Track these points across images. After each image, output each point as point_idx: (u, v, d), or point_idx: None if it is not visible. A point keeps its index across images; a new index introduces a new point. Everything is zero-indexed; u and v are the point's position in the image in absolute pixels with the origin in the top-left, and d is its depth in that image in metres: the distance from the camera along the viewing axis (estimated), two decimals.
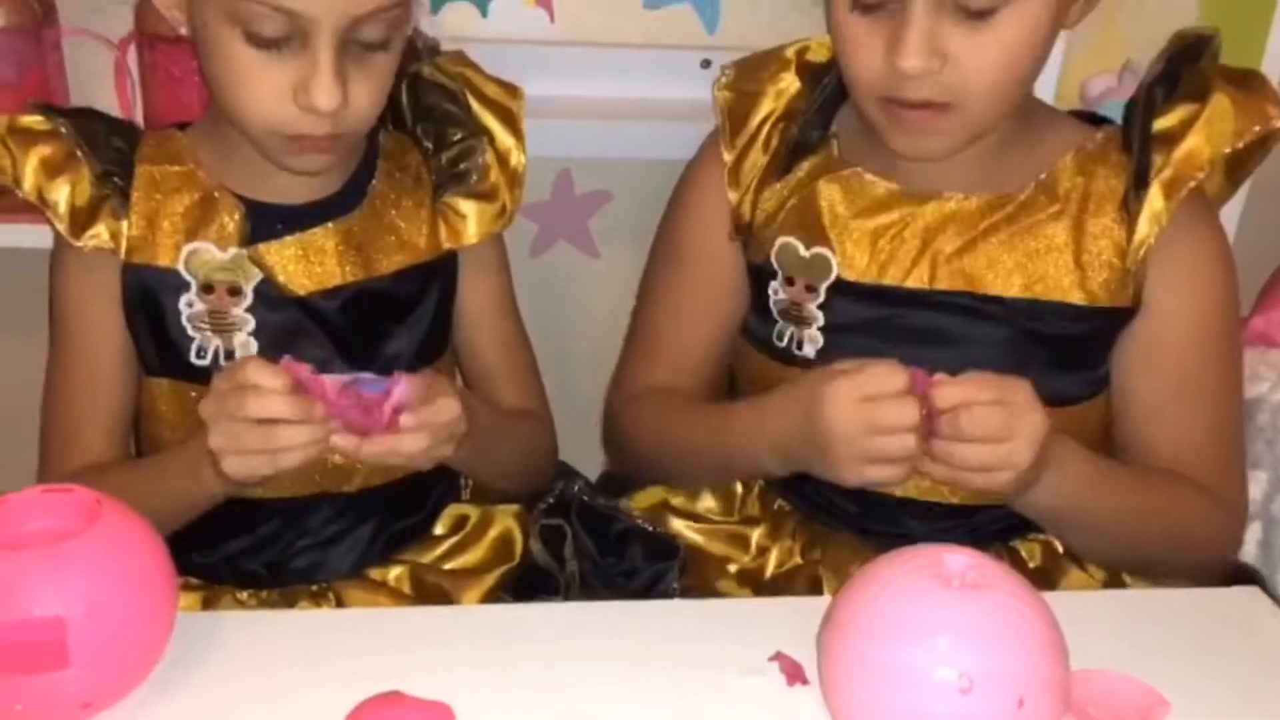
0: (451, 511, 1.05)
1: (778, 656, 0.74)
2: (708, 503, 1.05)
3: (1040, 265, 0.93)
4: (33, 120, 0.93)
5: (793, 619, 0.75)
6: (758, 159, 1.00)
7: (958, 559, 0.65)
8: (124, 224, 0.92)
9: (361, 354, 0.96)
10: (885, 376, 0.82)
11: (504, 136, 1.00)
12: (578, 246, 1.27)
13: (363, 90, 0.86)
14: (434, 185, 1.00)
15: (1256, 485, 1.16)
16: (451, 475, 1.06)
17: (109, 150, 0.94)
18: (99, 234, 0.92)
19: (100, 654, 0.67)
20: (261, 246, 0.92)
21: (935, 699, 0.61)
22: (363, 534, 1.00)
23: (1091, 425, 0.97)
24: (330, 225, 0.94)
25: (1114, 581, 0.99)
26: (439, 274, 1.00)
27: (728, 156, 1.01)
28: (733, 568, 1.01)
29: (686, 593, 0.96)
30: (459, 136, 1.00)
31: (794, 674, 0.72)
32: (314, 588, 0.98)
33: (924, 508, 0.97)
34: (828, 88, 0.99)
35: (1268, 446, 1.15)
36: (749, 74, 1.02)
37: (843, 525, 1.00)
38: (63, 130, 0.93)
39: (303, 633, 0.77)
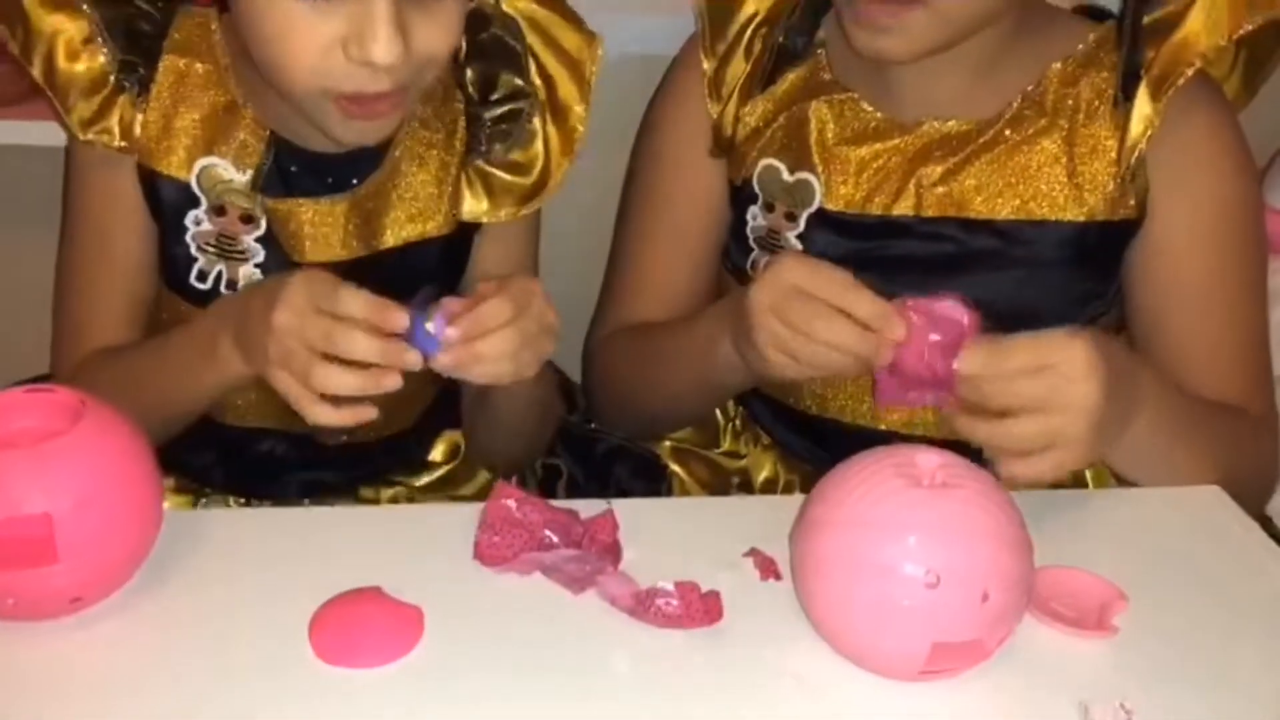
0: (447, 437, 1.04)
1: (751, 552, 0.76)
2: (688, 431, 1.05)
3: (1032, 184, 0.89)
4: None
5: (768, 516, 0.77)
6: (739, 67, 0.96)
7: (930, 458, 0.67)
8: (138, 120, 0.86)
9: None
10: (825, 277, 0.77)
11: (568, 89, 0.91)
12: None
13: (426, 39, 0.76)
14: (468, 144, 0.91)
15: None
16: (453, 401, 1.04)
17: (134, 35, 0.86)
18: (109, 129, 0.86)
19: (88, 549, 0.68)
20: (274, 202, 0.88)
21: (903, 592, 0.63)
22: (359, 458, 0.99)
23: None
24: (343, 196, 0.88)
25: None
26: (454, 247, 0.94)
27: (707, 65, 0.96)
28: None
29: None
30: (509, 90, 0.91)
31: (767, 569, 0.75)
32: (306, 501, 0.98)
33: (896, 440, 0.94)
34: None
35: None
36: None
37: (821, 461, 0.98)
38: (85, 8, 0.85)
39: (287, 529, 0.79)
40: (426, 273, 0.92)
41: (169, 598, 0.72)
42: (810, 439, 1.00)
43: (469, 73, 0.91)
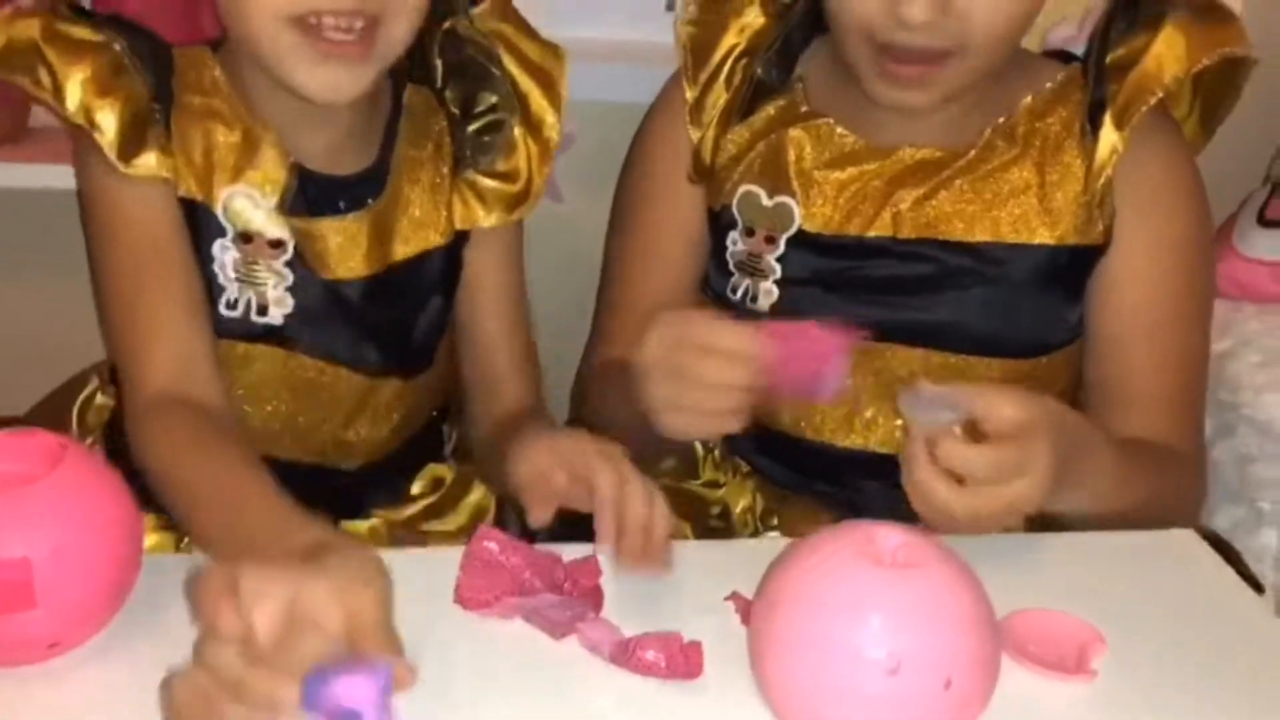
0: (429, 471, 1.05)
1: (732, 596, 0.76)
2: (670, 463, 1.06)
3: (1005, 209, 0.92)
4: (78, 29, 0.85)
5: (748, 558, 0.76)
6: (720, 96, 0.98)
7: (891, 537, 0.66)
8: (166, 154, 0.85)
9: (388, 337, 0.95)
10: (690, 321, 0.79)
11: (540, 103, 0.96)
12: None
13: None
14: (454, 158, 0.96)
15: None
16: (436, 436, 1.06)
17: (153, 68, 0.86)
18: (149, 161, 0.85)
19: (66, 595, 0.68)
20: (301, 223, 0.89)
21: (863, 678, 0.62)
22: (342, 491, 1.00)
23: (1064, 375, 0.97)
24: (362, 214, 0.91)
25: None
26: (452, 255, 0.97)
27: (690, 93, 0.99)
28: (689, 531, 1.02)
29: None
30: (488, 105, 0.95)
31: (748, 613, 0.75)
32: None
33: (877, 461, 0.97)
34: (791, 23, 0.97)
35: (1209, 393, 1.18)
36: (712, 7, 1.00)
37: (801, 488, 1.01)
38: (114, 44, 0.84)
39: None
40: (431, 283, 0.97)
41: (148, 644, 0.72)
42: (790, 465, 1.01)
43: (449, 93, 0.96)
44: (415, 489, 1.05)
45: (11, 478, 0.70)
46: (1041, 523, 1.00)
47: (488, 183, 0.96)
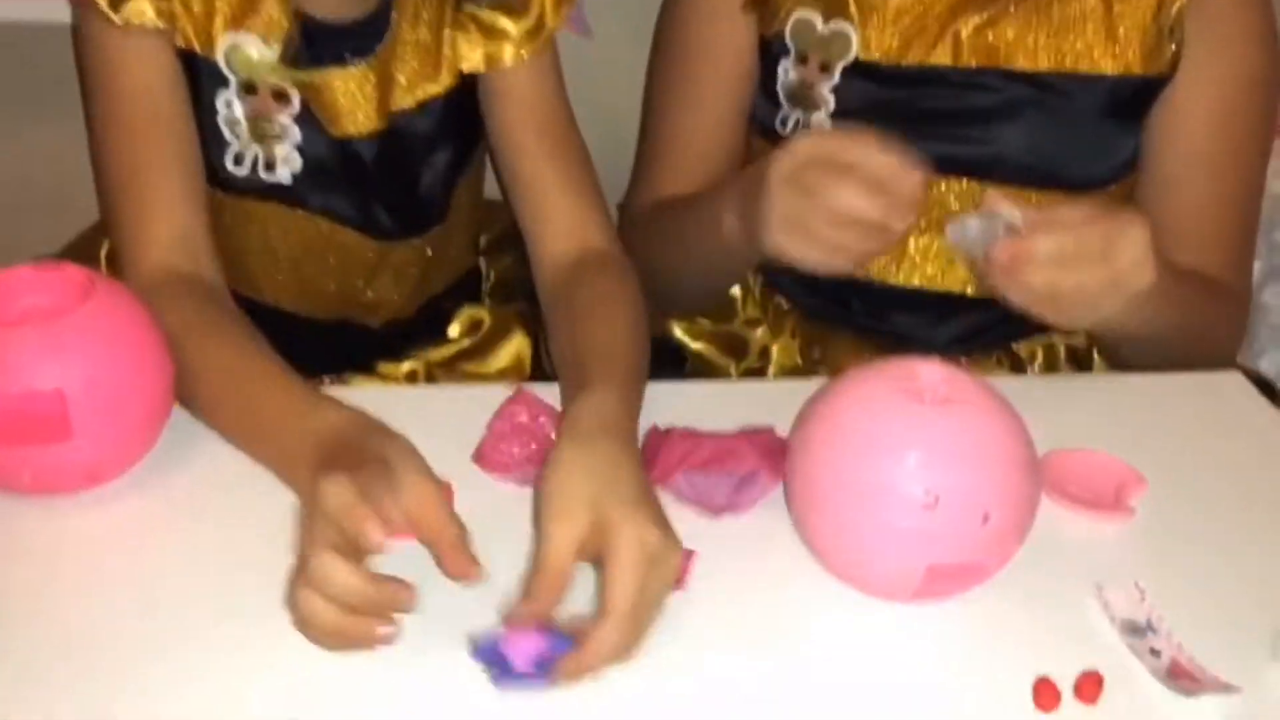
0: (467, 314, 1.04)
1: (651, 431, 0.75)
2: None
3: (1070, 36, 0.88)
4: None
5: (787, 398, 0.74)
6: None
7: (931, 372, 0.64)
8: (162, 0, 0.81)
9: (397, 198, 0.92)
10: (838, 138, 0.74)
11: None
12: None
13: None
14: None
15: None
16: (473, 278, 1.04)
17: None
18: (142, 9, 0.81)
19: (102, 426, 0.69)
20: (305, 74, 0.85)
21: (900, 514, 0.61)
22: (386, 334, 0.99)
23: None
24: (368, 63, 0.87)
25: None
26: (459, 104, 0.92)
27: None
28: (734, 370, 1.01)
29: None
30: None
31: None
32: (325, 379, 0.97)
33: (922, 300, 0.95)
34: None
35: (1262, 235, 1.15)
36: None
37: (841, 323, 0.99)
38: None
39: None
40: (437, 132, 0.92)
41: (184, 476, 0.73)
42: (834, 302, 0.99)
43: None
44: (453, 331, 1.04)
45: (42, 311, 0.70)
46: (1086, 359, 1.00)
47: (491, 16, 0.89)
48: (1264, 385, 0.91)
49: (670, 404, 0.76)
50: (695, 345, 1.03)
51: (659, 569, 0.59)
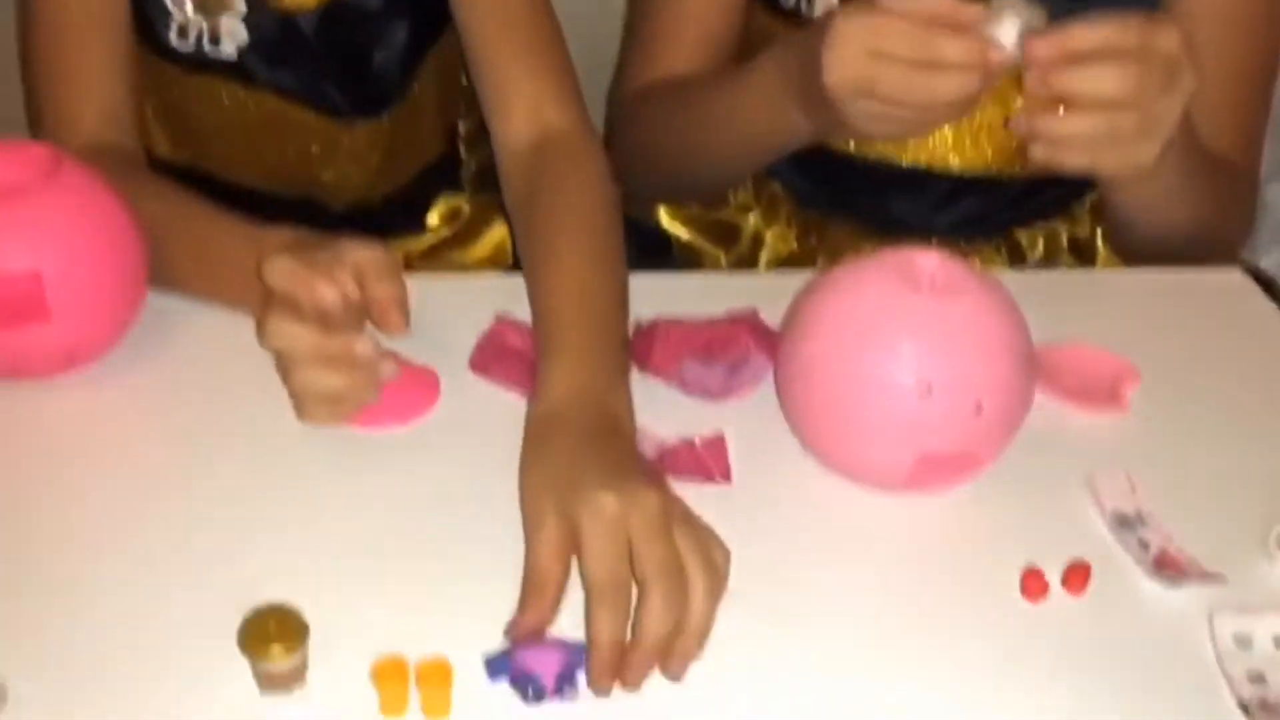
0: (445, 202, 1.02)
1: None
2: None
3: None
4: None
5: (778, 287, 0.73)
6: None
7: (929, 261, 0.63)
8: None
9: (347, 74, 0.89)
10: (896, 31, 0.67)
11: None
12: None
13: None
14: None
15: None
16: (451, 166, 1.01)
17: None
18: None
19: (80, 305, 0.68)
20: None
21: (893, 403, 0.60)
22: (359, 217, 0.97)
23: None
24: None
25: None
26: None
27: None
28: (724, 259, 0.99)
29: None
30: None
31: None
32: None
33: (922, 183, 0.92)
34: None
35: (1270, 130, 1.12)
36: None
37: (837, 209, 0.96)
38: None
39: None
40: (388, 12, 0.89)
41: (165, 356, 0.72)
42: (831, 184, 0.96)
43: None
44: (432, 220, 1.02)
45: (8, 189, 0.68)
46: (1088, 249, 0.98)
47: None
48: (1266, 283, 0.89)
49: (657, 296, 0.75)
50: (683, 233, 1.00)
51: (626, 522, 0.54)
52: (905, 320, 0.61)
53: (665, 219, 1.01)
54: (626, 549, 0.54)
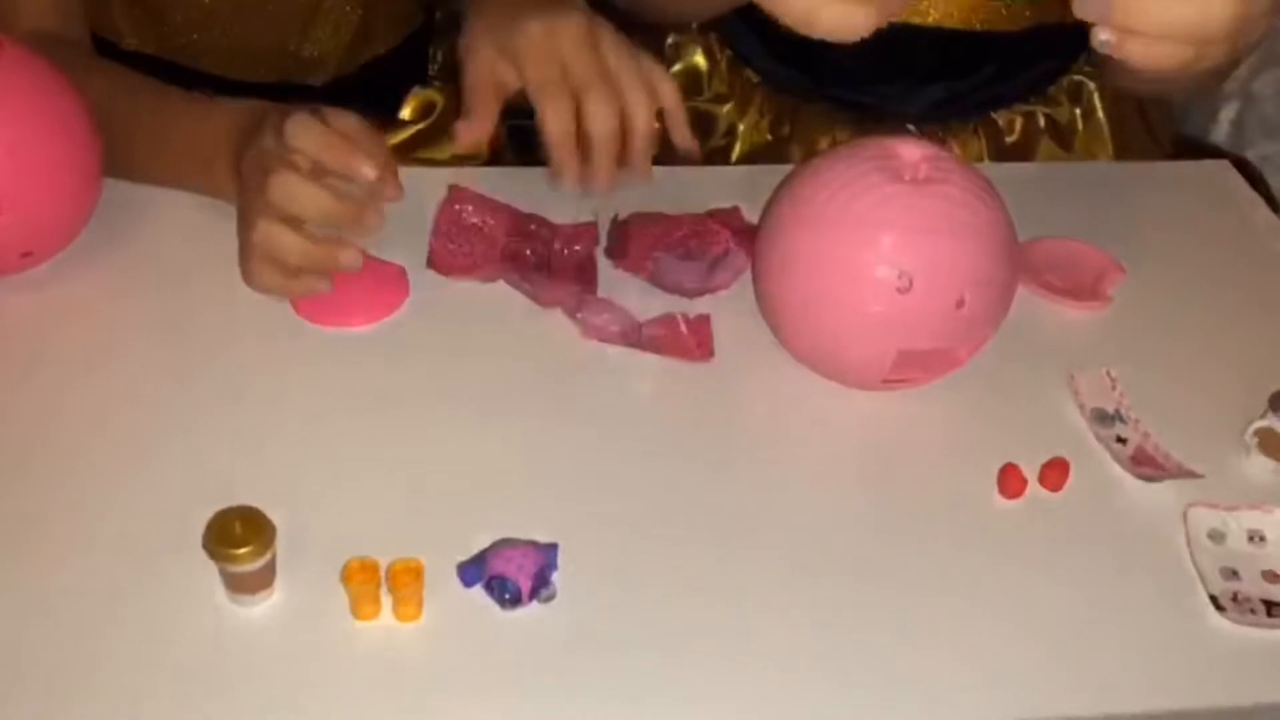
0: (418, 96, 0.98)
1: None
2: (676, 80, 0.99)
3: None
4: None
5: (756, 181, 0.71)
6: None
7: (912, 150, 0.61)
8: None
9: None
10: None
11: None
12: None
13: None
14: None
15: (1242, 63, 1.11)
16: (418, 56, 0.98)
17: None
18: None
19: (32, 199, 0.65)
20: None
21: (872, 297, 0.59)
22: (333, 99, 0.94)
23: None
24: None
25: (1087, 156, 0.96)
26: None
27: None
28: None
29: None
30: None
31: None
32: None
33: (906, 48, 0.87)
34: None
35: None
36: None
37: (812, 95, 0.94)
38: None
39: None
40: None
41: (122, 253, 0.70)
42: (806, 70, 0.93)
43: None
44: (405, 114, 0.99)
45: None
46: (1068, 131, 0.94)
47: None
48: (1252, 177, 0.88)
49: (634, 192, 0.72)
50: (655, 124, 0.99)
51: (555, 40, 0.63)
52: (885, 211, 0.59)
53: None
54: (558, 60, 0.62)
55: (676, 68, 0.99)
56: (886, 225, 0.59)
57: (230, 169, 0.67)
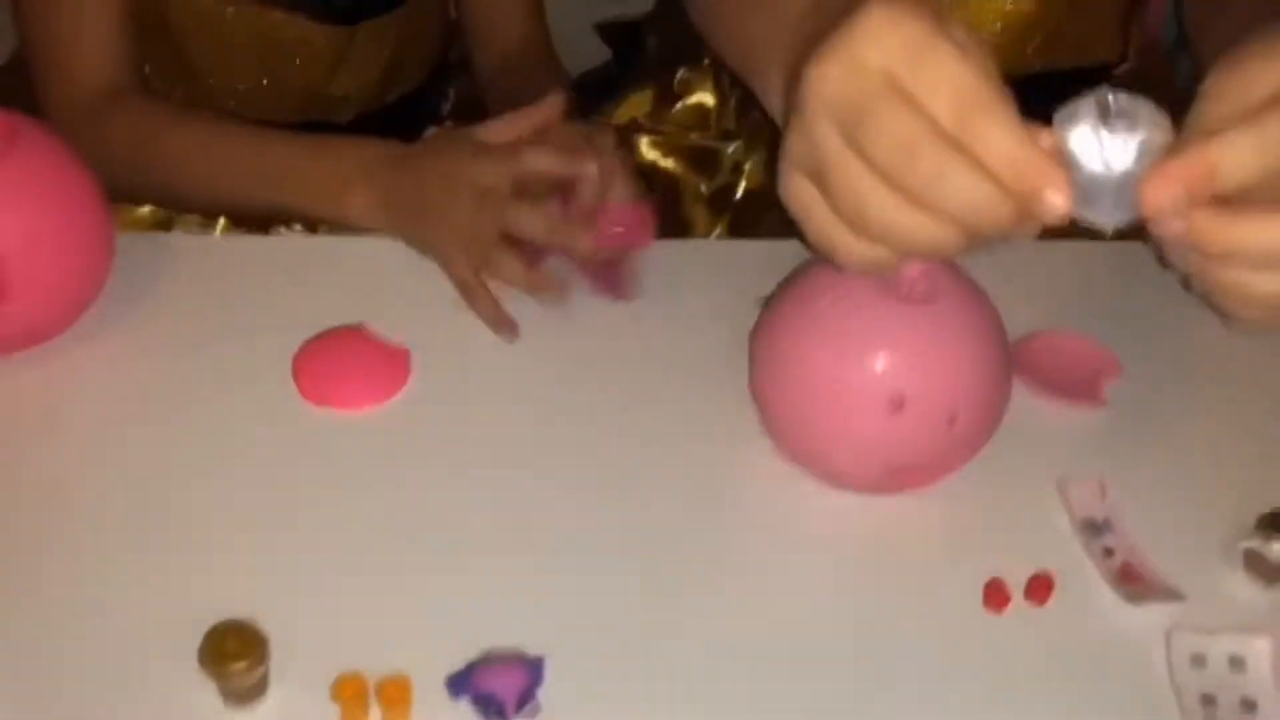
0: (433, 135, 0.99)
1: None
2: (683, 115, 0.99)
3: None
4: None
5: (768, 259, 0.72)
6: None
7: (912, 265, 0.60)
8: None
9: None
10: (936, 66, 0.41)
11: None
12: None
13: None
14: None
15: None
16: (436, 91, 1.00)
17: None
18: None
19: (42, 285, 0.66)
20: None
21: (864, 417, 0.59)
22: None
23: None
24: None
25: None
26: None
27: None
28: (704, 188, 0.98)
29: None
30: None
31: None
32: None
33: None
34: None
35: None
36: None
37: None
38: None
39: (258, 257, 0.75)
40: None
41: (130, 324, 0.71)
42: None
43: None
44: None
45: None
46: None
47: None
48: None
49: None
50: (665, 163, 0.99)
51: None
52: (880, 330, 0.60)
53: (645, 146, 1.00)
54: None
55: (681, 104, 1.00)
56: (881, 344, 0.59)
57: (371, 201, 0.74)
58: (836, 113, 0.42)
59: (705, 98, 1.00)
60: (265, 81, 0.91)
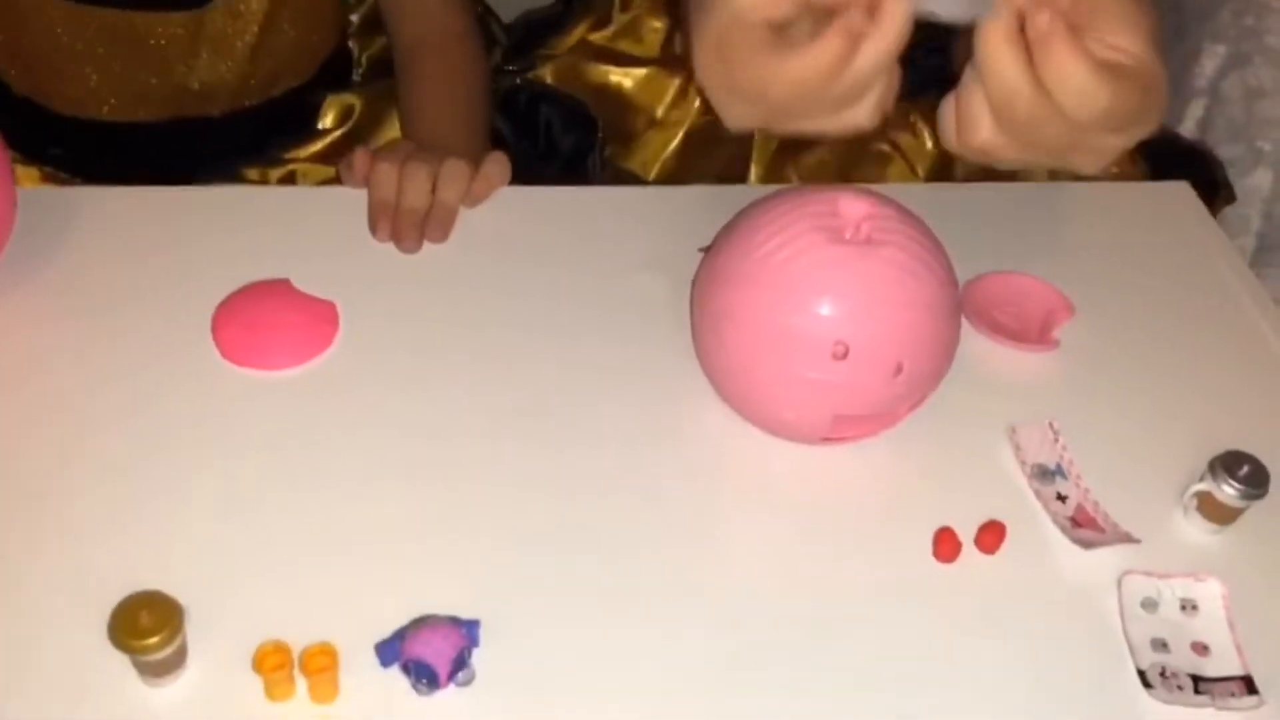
0: (339, 100, 0.95)
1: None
2: (629, 28, 0.97)
3: None
4: None
5: (714, 204, 0.69)
6: None
7: (855, 206, 0.58)
8: None
9: None
10: None
11: None
12: None
13: None
14: None
15: (1211, 60, 1.09)
16: (341, 64, 0.95)
17: None
18: None
19: None
20: None
21: (808, 364, 0.57)
22: (240, 126, 0.90)
23: None
24: None
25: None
26: None
27: None
28: (659, 111, 0.96)
29: (606, 165, 0.91)
30: None
31: None
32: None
33: None
34: None
35: (1233, 18, 1.07)
36: None
37: None
38: None
39: (171, 211, 0.72)
40: None
41: (43, 289, 0.67)
42: None
43: None
44: (326, 122, 0.95)
45: None
46: None
47: None
48: (1196, 150, 0.84)
49: (573, 211, 0.71)
50: (614, 80, 0.97)
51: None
52: (824, 276, 0.57)
53: (595, 72, 0.98)
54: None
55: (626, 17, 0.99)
56: (824, 290, 0.57)
57: None
58: None
59: (654, 22, 0.98)
60: (118, 79, 0.85)
